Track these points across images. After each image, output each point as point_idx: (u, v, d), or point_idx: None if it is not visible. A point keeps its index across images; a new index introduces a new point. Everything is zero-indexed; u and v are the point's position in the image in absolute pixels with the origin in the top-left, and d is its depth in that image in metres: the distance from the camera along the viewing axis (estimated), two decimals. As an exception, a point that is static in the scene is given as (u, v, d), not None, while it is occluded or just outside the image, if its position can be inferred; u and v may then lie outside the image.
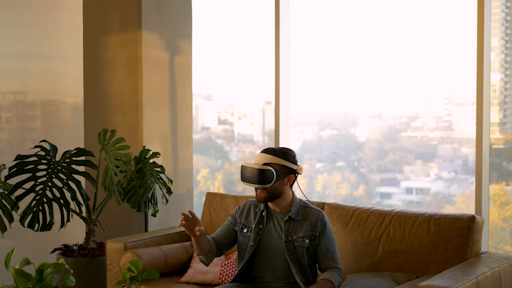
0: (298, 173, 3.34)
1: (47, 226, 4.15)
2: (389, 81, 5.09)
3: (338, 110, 5.61)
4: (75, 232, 5.19)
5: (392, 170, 5.30)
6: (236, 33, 5.92)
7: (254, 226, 3.37)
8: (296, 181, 3.37)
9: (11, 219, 4.08)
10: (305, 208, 3.38)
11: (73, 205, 4.55)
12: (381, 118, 5.41)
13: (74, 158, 4.28)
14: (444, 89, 5.05)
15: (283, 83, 4.95)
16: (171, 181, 4.73)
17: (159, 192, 4.78)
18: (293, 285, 3.32)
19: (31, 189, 4.14)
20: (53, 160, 4.25)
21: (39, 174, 4.20)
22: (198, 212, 4.55)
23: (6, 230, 4.10)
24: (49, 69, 5.48)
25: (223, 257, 3.99)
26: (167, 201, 4.73)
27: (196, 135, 5.90)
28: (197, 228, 3.16)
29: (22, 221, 4.10)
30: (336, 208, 3.84)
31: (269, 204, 3.39)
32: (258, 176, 3.23)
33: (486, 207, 4.01)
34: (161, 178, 4.68)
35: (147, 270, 2.46)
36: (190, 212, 3.16)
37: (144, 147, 4.78)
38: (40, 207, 4.14)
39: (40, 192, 4.17)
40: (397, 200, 5.27)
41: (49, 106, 5.55)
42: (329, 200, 3.97)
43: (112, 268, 4.02)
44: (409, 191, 5.26)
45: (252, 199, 3.51)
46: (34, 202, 4.14)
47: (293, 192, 3.40)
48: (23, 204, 4.24)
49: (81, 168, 4.99)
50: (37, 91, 5.43)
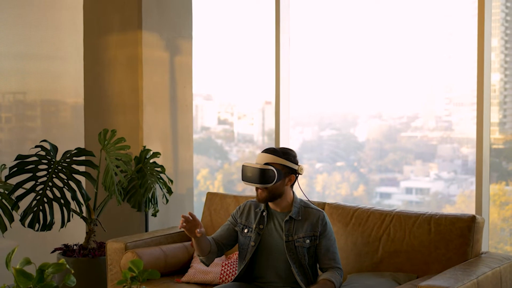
0: (299, 173, 3.34)
1: (47, 226, 4.15)
2: (389, 81, 5.09)
3: (338, 110, 5.61)
4: (75, 232, 5.18)
5: (392, 170, 5.30)
6: (236, 33, 5.91)
7: (254, 226, 3.37)
8: (296, 181, 3.37)
9: (11, 219, 4.08)
10: (305, 208, 3.38)
11: (73, 205, 4.55)
12: (381, 118, 5.41)
13: (74, 158, 4.28)
14: (444, 89, 5.05)
15: (284, 83, 4.94)
16: (171, 181, 4.73)
17: (159, 192, 4.78)
18: (294, 285, 3.32)
19: (32, 189, 4.14)
20: (53, 160, 4.25)
21: (39, 174, 4.20)
22: (198, 212, 4.55)
23: (6, 230, 4.10)
24: (49, 69, 5.48)
25: (223, 257, 3.99)
26: (167, 201, 4.73)
27: (196, 135, 5.90)
28: (197, 230, 3.16)
29: (22, 221, 4.10)
30: (337, 208, 3.84)
31: (270, 204, 3.39)
32: (260, 176, 3.23)
33: (487, 207, 4.00)
34: (161, 178, 4.68)
35: (148, 270, 2.46)
36: (191, 214, 3.16)
37: (145, 147, 4.78)
38: (41, 207, 4.14)
39: (40, 192, 4.17)
40: (396, 200, 5.27)
41: (49, 106, 5.54)
42: (329, 200, 3.97)
43: (113, 268, 4.02)
44: (408, 191, 5.26)
45: (252, 199, 3.51)
46: (34, 202, 4.14)
47: (293, 192, 3.40)
48: (23, 204, 4.24)
49: (82, 168, 4.99)
50: (37, 91, 5.42)
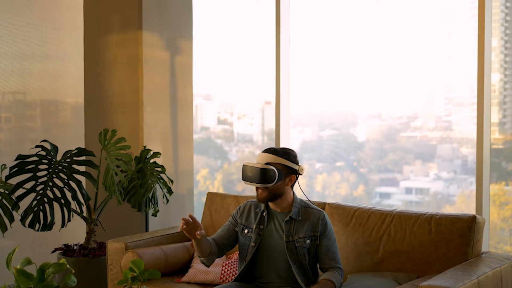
0: (299, 174, 3.34)
1: (48, 226, 4.15)
2: (389, 81, 5.09)
3: (338, 110, 5.61)
4: (75, 232, 5.18)
5: (392, 170, 5.30)
6: (236, 33, 5.92)
7: (254, 226, 3.37)
8: (297, 181, 3.37)
9: (12, 219, 4.08)
10: (306, 208, 3.38)
11: (73, 205, 4.55)
12: (380, 118, 5.42)
13: (75, 158, 4.28)
14: (443, 89, 5.06)
15: (284, 83, 4.94)
16: (171, 181, 4.73)
17: (159, 192, 4.78)
18: (295, 285, 3.32)
19: (32, 189, 4.14)
20: (54, 160, 4.24)
21: (40, 174, 4.19)
22: (198, 212, 4.55)
23: (6, 230, 4.10)
24: (49, 69, 5.47)
25: (224, 257, 3.99)
26: (167, 201, 4.73)
27: (196, 135, 5.90)
28: (197, 232, 3.15)
29: (23, 221, 4.10)
30: (337, 208, 3.84)
31: (270, 204, 3.39)
32: (260, 176, 3.23)
33: (487, 207, 4.00)
34: (161, 178, 4.68)
35: (149, 270, 2.45)
36: (191, 216, 3.16)
37: (145, 147, 4.78)
38: (41, 207, 4.14)
39: (41, 192, 4.17)
40: (396, 200, 5.28)
41: (49, 106, 5.54)
42: (329, 200, 3.97)
43: (113, 268, 4.02)
44: (408, 191, 5.26)
45: (252, 199, 3.50)
46: (35, 202, 4.14)
47: (294, 192, 3.40)
48: (24, 204, 4.24)
49: (82, 168, 4.98)
50: (37, 91, 5.42)
